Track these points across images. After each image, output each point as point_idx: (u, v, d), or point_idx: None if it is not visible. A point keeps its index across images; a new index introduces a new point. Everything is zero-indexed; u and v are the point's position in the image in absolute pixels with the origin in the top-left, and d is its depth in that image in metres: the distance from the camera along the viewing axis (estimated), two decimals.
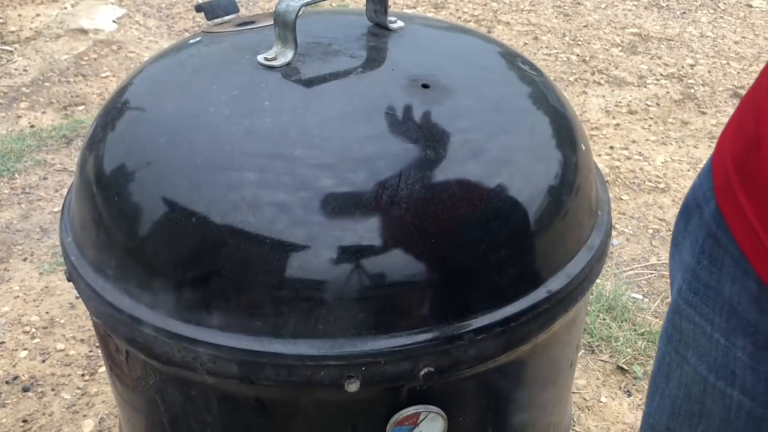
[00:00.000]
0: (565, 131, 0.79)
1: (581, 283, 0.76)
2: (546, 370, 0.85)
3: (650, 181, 2.31)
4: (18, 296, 1.77)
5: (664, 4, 3.92)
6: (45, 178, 2.24)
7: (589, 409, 1.51)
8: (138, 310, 0.69)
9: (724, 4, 3.91)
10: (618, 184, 2.29)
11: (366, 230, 0.63)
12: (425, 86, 0.74)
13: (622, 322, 1.70)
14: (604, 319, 1.70)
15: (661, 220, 2.11)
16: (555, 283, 0.72)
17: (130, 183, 0.70)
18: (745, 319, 0.60)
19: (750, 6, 3.89)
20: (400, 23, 0.85)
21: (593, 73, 3.11)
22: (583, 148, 0.82)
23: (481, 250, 0.67)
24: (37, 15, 3.37)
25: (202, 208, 0.65)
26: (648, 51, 3.34)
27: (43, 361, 1.59)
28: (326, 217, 0.63)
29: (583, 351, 1.64)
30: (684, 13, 3.81)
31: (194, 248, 0.65)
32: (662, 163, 2.42)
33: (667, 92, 2.94)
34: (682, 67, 3.18)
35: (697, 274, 0.65)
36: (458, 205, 0.66)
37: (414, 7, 3.71)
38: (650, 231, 2.07)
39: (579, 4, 3.88)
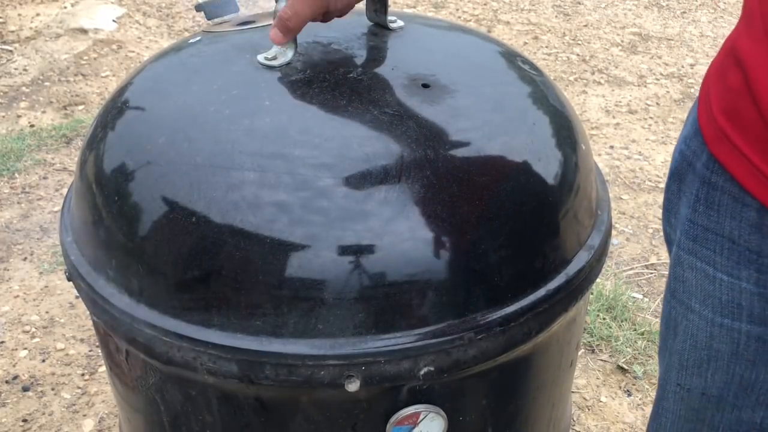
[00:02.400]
0: (565, 131, 0.79)
1: (581, 282, 0.76)
2: (546, 370, 0.85)
3: (650, 181, 2.31)
4: (18, 296, 1.77)
5: (664, 4, 3.92)
6: (45, 178, 2.24)
7: (589, 409, 1.51)
8: (138, 309, 0.69)
9: (724, 3, 3.91)
10: (618, 184, 2.29)
11: (365, 230, 0.63)
12: (425, 86, 0.74)
13: (622, 321, 1.70)
14: (604, 319, 1.70)
15: (661, 219, 2.11)
16: (555, 283, 0.72)
17: (130, 182, 0.70)
18: (747, 249, 0.65)
19: None
20: (400, 23, 0.85)
21: (593, 73, 3.11)
22: (583, 147, 0.81)
23: (481, 250, 0.67)
24: (37, 14, 3.37)
25: (201, 207, 0.65)
26: (648, 51, 3.35)
27: (43, 361, 1.59)
28: (326, 217, 0.63)
29: (583, 351, 1.64)
30: (684, 12, 3.81)
31: (194, 248, 0.65)
32: (662, 162, 2.41)
33: (667, 92, 2.94)
34: (682, 67, 3.18)
35: (694, 221, 0.69)
36: (458, 205, 0.66)
37: (414, 7, 3.72)
38: (650, 230, 2.07)
39: (579, 3, 3.88)
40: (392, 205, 0.64)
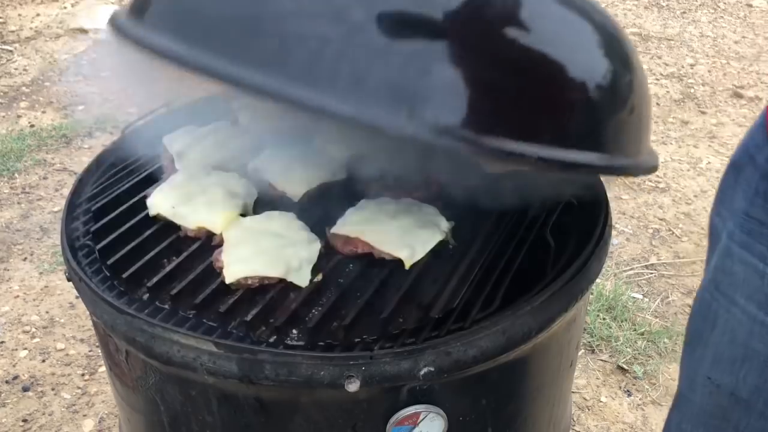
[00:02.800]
0: (629, 45, 0.77)
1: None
2: (546, 370, 0.85)
3: (650, 181, 2.30)
4: (18, 296, 1.77)
5: (664, 4, 3.92)
6: (45, 178, 2.24)
7: (589, 409, 1.51)
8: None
9: (724, 3, 3.91)
10: (618, 184, 2.29)
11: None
12: None
13: (622, 321, 1.70)
14: (604, 319, 1.70)
15: (661, 219, 2.11)
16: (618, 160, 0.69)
17: None
18: None
19: (750, 6, 3.89)
20: None
21: None
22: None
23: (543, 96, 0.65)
24: (37, 15, 3.37)
25: None
26: (648, 51, 3.34)
27: (43, 361, 1.59)
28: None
29: (583, 351, 1.64)
30: (684, 13, 3.81)
31: None
32: (662, 162, 2.41)
33: (667, 92, 2.94)
34: (682, 67, 3.17)
35: (750, 215, 0.69)
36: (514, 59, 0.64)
37: None
38: (650, 231, 2.07)
39: None
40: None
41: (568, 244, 0.85)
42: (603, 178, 0.93)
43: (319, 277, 0.80)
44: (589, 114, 0.69)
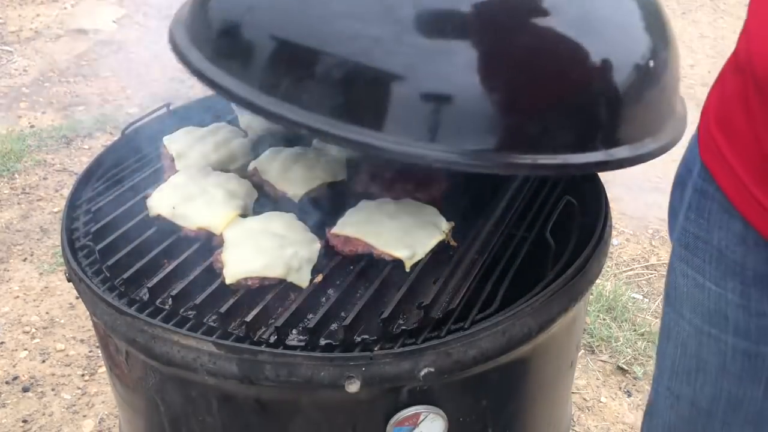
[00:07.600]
0: (659, 16, 0.79)
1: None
2: (546, 371, 0.85)
3: (650, 181, 2.30)
4: (18, 296, 1.77)
5: (664, 4, 3.92)
6: (45, 178, 2.24)
7: (589, 409, 1.51)
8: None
9: (724, 4, 3.91)
10: (618, 184, 2.29)
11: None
12: None
13: (622, 322, 1.70)
14: (604, 319, 1.70)
15: (661, 220, 2.11)
16: (621, 153, 0.73)
17: None
18: (732, 260, 0.66)
19: None
20: None
21: None
22: (672, 37, 0.82)
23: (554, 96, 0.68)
24: (37, 15, 3.37)
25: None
26: None
27: (43, 361, 1.59)
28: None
29: (583, 351, 1.64)
30: (684, 13, 3.81)
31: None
32: (662, 163, 2.41)
33: None
34: (682, 68, 3.18)
35: (686, 229, 0.70)
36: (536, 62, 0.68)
37: None
38: (650, 231, 2.06)
39: None
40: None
41: (568, 244, 0.85)
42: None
43: (319, 277, 0.80)
44: (631, 107, 0.74)
